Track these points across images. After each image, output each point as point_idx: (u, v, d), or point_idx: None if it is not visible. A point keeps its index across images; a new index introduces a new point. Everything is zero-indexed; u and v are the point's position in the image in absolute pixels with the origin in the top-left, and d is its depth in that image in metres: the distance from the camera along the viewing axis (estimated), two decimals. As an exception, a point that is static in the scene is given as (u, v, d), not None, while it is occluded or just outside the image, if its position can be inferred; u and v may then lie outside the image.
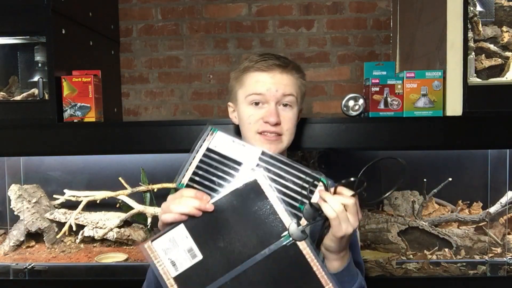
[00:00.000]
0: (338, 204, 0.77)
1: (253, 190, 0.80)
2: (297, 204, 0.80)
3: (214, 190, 0.81)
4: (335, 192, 0.79)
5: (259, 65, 0.98)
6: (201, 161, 0.83)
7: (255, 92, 0.98)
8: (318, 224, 0.80)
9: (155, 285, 0.89)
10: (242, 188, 0.80)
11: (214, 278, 0.77)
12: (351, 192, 0.79)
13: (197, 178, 0.82)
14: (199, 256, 0.78)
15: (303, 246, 0.78)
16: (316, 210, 0.79)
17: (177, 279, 0.77)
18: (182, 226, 0.79)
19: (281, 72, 0.98)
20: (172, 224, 0.80)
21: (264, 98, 0.97)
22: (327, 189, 0.80)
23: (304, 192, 0.80)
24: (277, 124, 0.97)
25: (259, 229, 0.78)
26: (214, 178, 0.82)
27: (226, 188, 0.80)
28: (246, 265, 0.77)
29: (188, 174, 0.82)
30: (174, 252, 0.78)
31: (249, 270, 0.77)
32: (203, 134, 0.84)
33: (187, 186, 0.82)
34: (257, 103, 0.98)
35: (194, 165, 0.82)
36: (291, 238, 0.78)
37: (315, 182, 0.80)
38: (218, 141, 0.83)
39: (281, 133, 0.99)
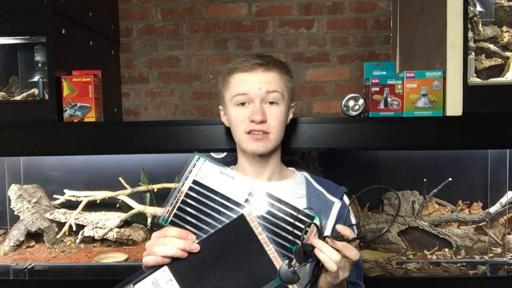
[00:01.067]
0: (337, 255, 0.74)
1: (241, 228, 0.75)
2: (288, 245, 0.76)
3: (200, 228, 0.76)
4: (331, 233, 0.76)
5: (242, 66, 0.99)
6: (186, 195, 0.78)
7: (239, 93, 0.98)
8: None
9: None
10: (229, 226, 0.75)
11: None
12: (348, 232, 0.75)
13: (182, 214, 0.77)
14: None
15: None
16: (308, 253, 0.74)
17: None
18: (166, 268, 0.75)
19: (263, 70, 0.98)
20: (154, 267, 0.76)
21: (248, 98, 0.98)
22: (320, 230, 0.76)
23: (297, 232, 0.76)
24: (263, 122, 0.97)
25: (248, 271, 0.74)
26: (200, 215, 0.77)
27: (213, 226, 0.76)
28: None
29: (173, 210, 0.78)
30: None
31: None
32: (190, 163, 0.80)
33: (172, 222, 0.77)
34: (243, 103, 0.99)
35: (179, 199, 0.78)
36: (281, 281, 0.74)
37: (307, 220, 0.76)
38: (205, 172, 0.79)
39: (269, 131, 0.99)
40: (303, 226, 0.76)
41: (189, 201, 0.78)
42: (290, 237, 0.77)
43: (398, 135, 1.30)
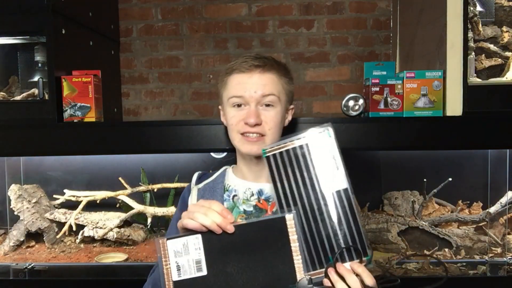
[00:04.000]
0: (356, 282, 0.74)
1: (278, 229, 0.77)
2: (329, 254, 0.76)
3: (282, 181, 0.79)
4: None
5: (239, 67, 0.99)
6: (294, 149, 0.80)
7: (235, 95, 0.98)
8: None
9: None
10: (269, 222, 0.78)
11: None
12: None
13: (279, 159, 0.81)
14: (204, 272, 0.77)
15: None
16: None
17: (176, 284, 0.77)
18: (199, 236, 0.79)
19: (260, 72, 0.98)
20: (191, 231, 0.79)
21: (244, 100, 0.98)
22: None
23: (344, 251, 0.76)
24: (257, 124, 0.97)
25: (269, 270, 0.76)
26: (290, 171, 0.79)
27: (290, 188, 0.79)
28: None
29: (276, 150, 0.81)
30: (183, 258, 0.78)
31: None
32: (320, 127, 0.81)
33: (267, 158, 0.81)
34: (239, 105, 0.99)
35: (285, 147, 0.81)
36: None
37: (360, 255, 0.76)
38: (321, 144, 0.80)
39: (264, 134, 0.98)
40: (353, 253, 0.76)
41: (292, 154, 0.80)
42: (336, 249, 0.77)
43: (398, 135, 1.30)
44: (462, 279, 1.46)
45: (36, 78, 1.52)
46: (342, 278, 0.75)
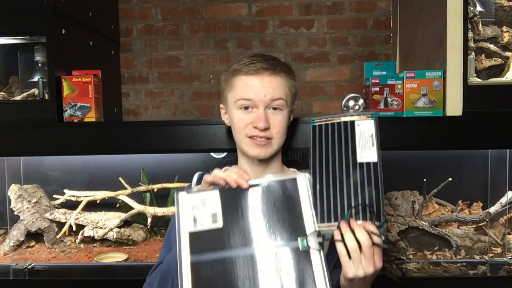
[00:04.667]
0: (353, 241, 0.73)
1: (290, 188, 0.82)
2: (346, 211, 0.78)
3: (321, 149, 0.83)
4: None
5: (248, 69, 0.97)
6: (339, 123, 0.85)
7: (243, 97, 0.97)
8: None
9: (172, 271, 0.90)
10: (280, 183, 0.82)
11: (224, 248, 0.80)
12: (374, 229, 0.75)
13: (323, 129, 0.85)
14: (220, 224, 0.81)
15: (315, 256, 0.78)
16: (320, 240, 0.78)
17: (192, 235, 0.81)
18: (216, 192, 0.83)
19: (269, 75, 0.97)
20: (210, 186, 0.84)
21: (253, 103, 0.97)
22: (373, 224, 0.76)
23: (360, 213, 0.77)
24: (266, 129, 0.97)
25: (280, 225, 0.80)
26: (330, 142, 0.84)
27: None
28: (255, 250, 0.79)
29: (323, 122, 0.86)
30: (200, 211, 0.82)
31: (257, 257, 0.79)
32: (363, 110, 0.86)
33: (313, 128, 0.86)
34: (246, 108, 0.98)
35: (333, 121, 0.86)
36: (306, 244, 0.78)
37: (373, 216, 0.78)
38: (364, 124, 0.84)
39: (271, 137, 0.98)
40: (368, 216, 0.79)
41: (336, 128, 0.85)
42: (353, 210, 0.79)
43: (398, 135, 1.30)
44: (462, 279, 1.46)
45: (36, 78, 1.52)
46: (352, 232, 0.75)
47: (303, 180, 0.82)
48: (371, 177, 0.81)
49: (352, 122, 0.84)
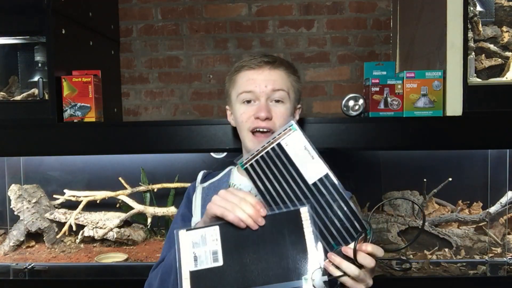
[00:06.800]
0: (355, 269, 0.74)
1: (293, 222, 0.79)
2: (332, 242, 0.78)
3: (267, 188, 0.81)
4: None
5: (249, 64, 0.99)
6: (268, 152, 0.83)
7: (245, 90, 0.99)
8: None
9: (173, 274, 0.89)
10: (284, 215, 0.79)
11: (225, 287, 0.77)
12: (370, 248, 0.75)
13: (257, 167, 0.82)
14: (220, 262, 0.79)
15: None
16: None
17: (192, 274, 0.79)
18: (217, 228, 0.80)
19: (270, 68, 0.99)
20: (219, 219, 0.81)
21: (254, 96, 0.98)
22: (365, 239, 0.77)
23: (344, 233, 0.77)
24: (268, 119, 0.97)
25: (284, 261, 0.77)
26: (271, 176, 0.81)
27: (278, 192, 0.80)
28: None
29: (252, 159, 0.83)
30: (200, 249, 0.80)
31: None
32: (284, 127, 0.84)
33: (246, 169, 0.83)
34: (248, 101, 0.99)
35: (260, 153, 0.83)
36: (312, 285, 0.76)
37: (362, 232, 0.77)
38: (291, 140, 0.82)
39: (274, 129, 0.98)
40: (353, 232, 0.77)
41: (267, 159, 0.82)
42: (337, 235, 0.78)
43: (398, 135, 1.30)
44: (462, 279, 1.46)
45: (36, 78, 1.52)
46: (351, 259, 0.75)
47: (306, 212, 0.79)
48: (331, 192, 0.78)
49: (279, 145, 0.82)
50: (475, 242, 1.50)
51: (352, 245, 0.76)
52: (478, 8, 1.40)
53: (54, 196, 1.61)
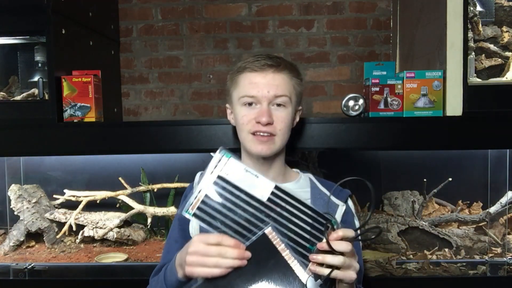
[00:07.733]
0: (338, 258, 0.75)
1: (265, 247, 0.77)
2: (307, 245, 0.77)
3: (224, 223, 0.77)
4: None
5: (252, 66, 0.98)
6: (211, 189, 0.78)
7: (247, 94, 0.98)
8: None
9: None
10: (254, 245, 0.77)
11: None
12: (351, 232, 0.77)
13: (206, 208, 0.77)
14: None
15: None
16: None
17: None
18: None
19: (273, 72, 0.98)
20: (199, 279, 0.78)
21: (256, 99, 0.98)
22: (333, 229, 0.78)
23: (315, 232, 0.77)
24: (269, 123, 0.97)
25: (276, 284, 0.76)
26: (224, 210, 0.77)
27: (237, 222, 0.77)
28: None
29: (197, 203, 0.77)
30: None
31: None
32: (215, 158, 0.79)
33: (195, 215, 0.77)
34: (250, 104, 0.99)
35: (203, 193, 0.78)
36: None
37: (327, 224, 0.77)
38: (230, 168, 0.78)
39: (274, 133, 0.98)
40: (321, 227, 0.78)
41: (213, 195, 0.78)
42: (309, 236, 0.78)
43: (398, 135, 1.30)
44: (462, 279, 1.46)
45: (36, 78, 1.52)
46: (330, 252, 0.76)
47: (272, 231, 0.77)
48: (287, 200, 0.78)
49: (220, 177, 0.77)
50: (475, 242, 1.50)
51: (324, 239, 0.76)
52: (478, 8, 1.40)
53: (54, 196, 1.60)
